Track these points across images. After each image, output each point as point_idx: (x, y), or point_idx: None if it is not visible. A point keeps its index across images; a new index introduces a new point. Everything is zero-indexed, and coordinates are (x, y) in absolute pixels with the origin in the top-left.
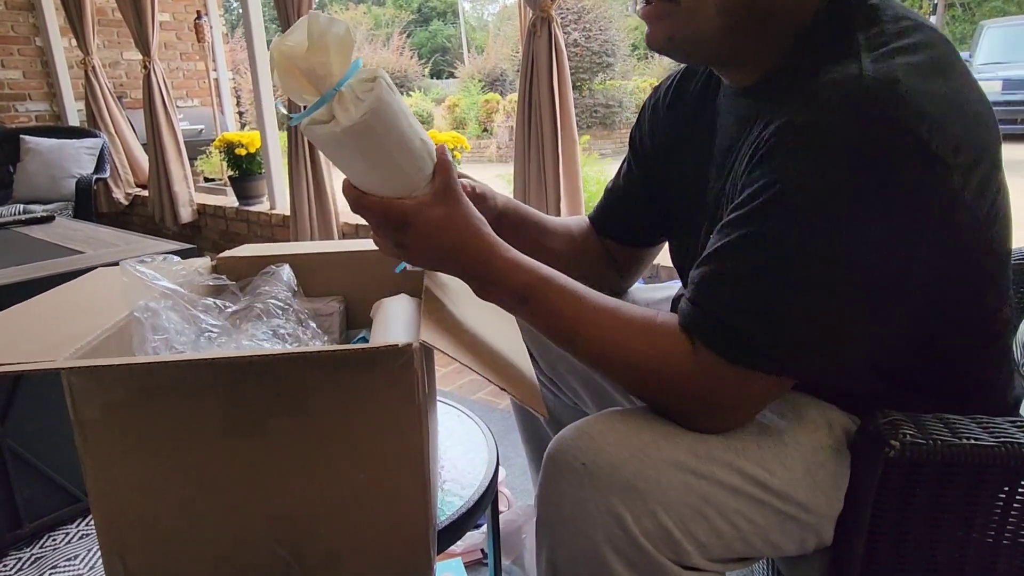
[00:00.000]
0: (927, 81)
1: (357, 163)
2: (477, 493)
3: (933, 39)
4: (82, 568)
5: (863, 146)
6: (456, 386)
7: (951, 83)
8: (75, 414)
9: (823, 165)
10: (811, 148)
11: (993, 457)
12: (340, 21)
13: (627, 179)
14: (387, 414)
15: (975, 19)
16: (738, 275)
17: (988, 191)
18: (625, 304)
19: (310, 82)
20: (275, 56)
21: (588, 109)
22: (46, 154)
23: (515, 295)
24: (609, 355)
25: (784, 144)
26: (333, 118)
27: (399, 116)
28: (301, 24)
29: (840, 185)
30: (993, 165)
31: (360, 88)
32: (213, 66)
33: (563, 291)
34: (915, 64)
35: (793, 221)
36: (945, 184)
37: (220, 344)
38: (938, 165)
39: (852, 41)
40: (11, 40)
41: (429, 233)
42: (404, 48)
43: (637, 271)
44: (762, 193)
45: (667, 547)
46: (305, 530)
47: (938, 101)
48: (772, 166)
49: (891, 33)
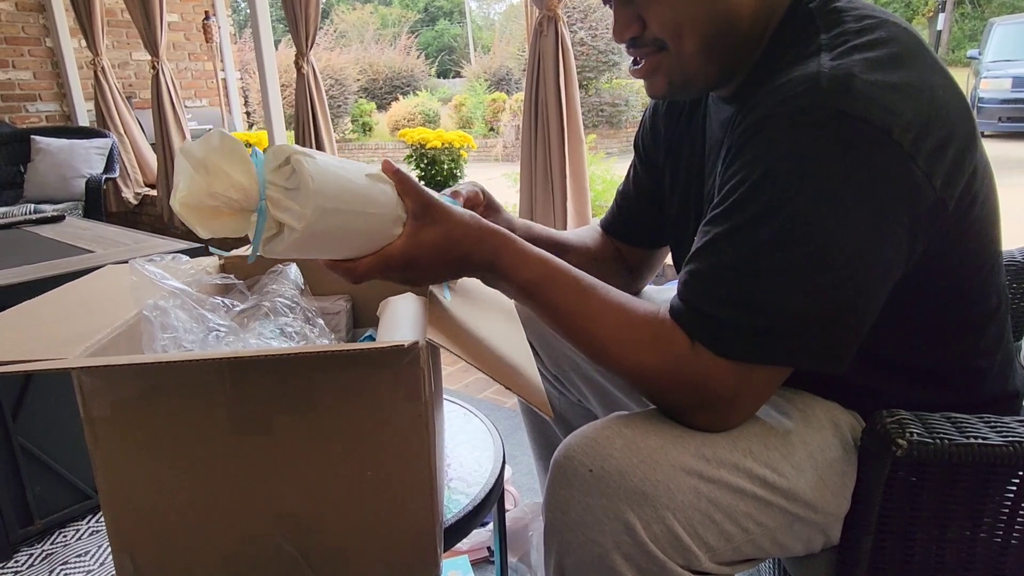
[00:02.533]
0: (885, 73)
1: (332, 243)
2: (483, 491)
3: (894, 34)
4: (92, 565)
5: (822, 136)
6: (463, 384)
7: (912, 73)
8: (85, 412)
9: (785, 157)
10: (773, 142)
11: (1000, 456)
12: (208, 135)
13: (634, 183)
14: (394, 412)
15: (984, 16)
16: (721, 270)
17: (960, 175)
18: (631, 299)
19: (235, 211)
20: (182, 212)
21: (594, 108)
22: (56, 154)
23: (521, 291)
24: (613, 351)
25: (750, 141)
26: (282, 225)
27: (338, 176)
28: (182, 170)
29: (804, 175)
30: (964, 149)
31: (283, 179)
32: (221, 66)
33: (569, 287)
34: (872, 58)
35: (764, 212)
36: (908, 169)
37: (228, 343)
38: (899, 151)
39: (815, 42)
40: (21, 41)
41: (433, 258)
42: (410, 48)
43: (648, 272)
44: (734, 190)
45: (676, 552)
46: (312, 527)
47: (895, 91)
48: (741, 163)
49: (851, 32)
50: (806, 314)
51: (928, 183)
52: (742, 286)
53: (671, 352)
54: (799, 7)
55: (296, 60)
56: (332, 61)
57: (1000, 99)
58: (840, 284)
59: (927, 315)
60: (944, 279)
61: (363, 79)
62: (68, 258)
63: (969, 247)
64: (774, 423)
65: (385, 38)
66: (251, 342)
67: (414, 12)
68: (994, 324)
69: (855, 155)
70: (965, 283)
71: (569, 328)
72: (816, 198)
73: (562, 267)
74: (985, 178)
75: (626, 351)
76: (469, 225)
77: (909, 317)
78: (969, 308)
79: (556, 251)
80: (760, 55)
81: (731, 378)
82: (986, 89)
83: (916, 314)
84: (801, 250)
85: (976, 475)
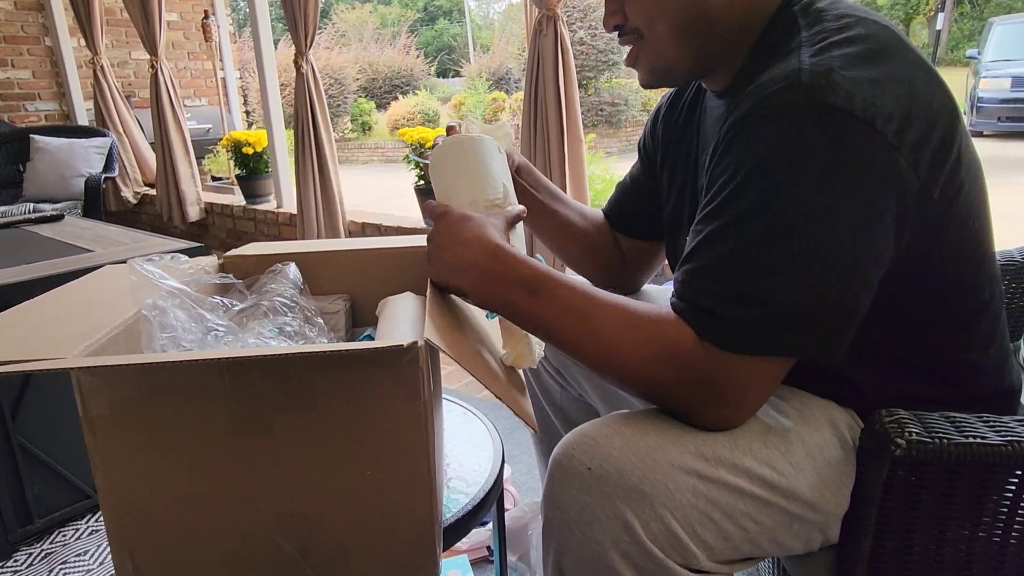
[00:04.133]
0: (864, 68)
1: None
2: (483, 491)
3: (874, 30)
4: (92, 564)
5: (806, 129)
6: (462, 384)
7: (891, 68)
8: (84, 411)
9: (772, 151)
10: (759, 137)
11: (1000, 456)
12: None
13: (634, 179)
14: (393, 411)
15: (984, 16)
16: (717, 266)
17: (943, 165)
18: (633, 300)
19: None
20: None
21: (594, 107)
22: (55, 153)
23: (526, 286)
24: (621, 350)
25: (736, 138)
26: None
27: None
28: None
29: (792, 167)
30: (946, 139)
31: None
32: (220, 65)
33: (573, 286)
34: (850, 54)
35: (755, 206)
36: (893, 159)
37: (227, 342)
38: (883, 141)
39: (796, 40)
40: (21, 40)
41: (451, 223)
42: (410, 47)
43: (645, 269)
44: (723, 187)
45: (675, 551)
46: (312, 527)
47: (874, 84)
48: (729, 160)
49: (831, 30)
50: (804, 304)
51: (913, 173)
52: (739, 280)
53: (678, 349)
54: (785, 9)
55: (295, 59)
56: (331, 60)
57: (999, 99)
58: (834, 273)
59: (917, 307)
60: (930, 269)
61: (362, 78)
62: (67, 257)
63: (953, 237)
64: (772, 422)
65: (384, 37)
66: (250, 341)
67: (414, 11)
68: (987, 318)
69: (841, 146)
70: (952, 274)
71: (575, 330)
72: (806, 189)
73: (564, 273)
74: (971, 168)
75: (634, 349)
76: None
77: (899, 309)
78: (959, 300)
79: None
80: (748, 54)
81: (736, 372)
82: (985, 89)
83: (906, 306)
84: (795, 242)
85: (975, 474)
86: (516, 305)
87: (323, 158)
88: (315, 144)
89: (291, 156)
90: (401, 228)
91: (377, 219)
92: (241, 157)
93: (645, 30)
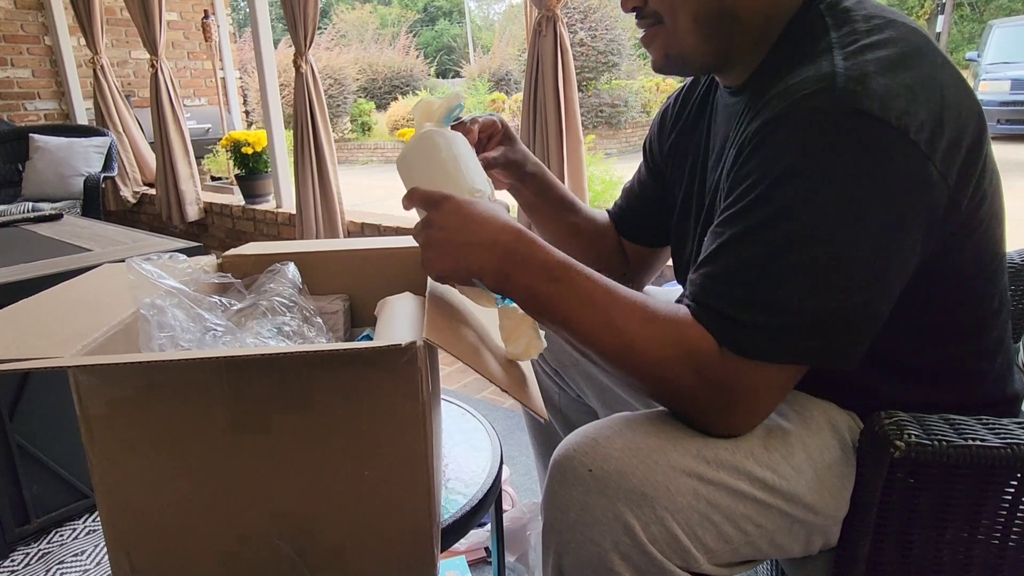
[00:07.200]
0: (897, 74)
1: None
2: (481, 491)
3: (903, 33)
4: (89, 564)
5: (839, 136)
6: (461, 384)
7: (923, 72)
8: (82, 410)
9: (803, 157)
10: (789, 142)
11: (998, 458)
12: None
13: (640, 183)
14: (391, 412)
15: (983, 18)
16: (738, 271)
17: (972, 174)
18: (651, 298)
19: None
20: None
21: (594, 108)
22: (55, 152)
23: (549, 271)
24: (639, 347)
25: (765, 141)
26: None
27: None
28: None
29: (823, 175)
30: (974, 148)
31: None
32: (220, 65)
33: (594, 277)
34: (883, 58)
35: (782, 212)
36: (925, 169)
37: (225, 342)
38: (916, 151)
39: (826, 40)
40: (20, 39)
41: (459, 205)
42: (410, 47)
43: (646, 273)
44: (749, 191)
45: (675, 553)
46: (309, 527)
47: (908, 91)
48: (755, 163)
49: (861, 31)
50: (824, 313)
51: (943, 182)
52: (761, 287)
53: (699, 353)
54: (811, 6)
55: (295, 59)
56: (331, 61)
57: (999, 101)
58: (857, 283)
59: (931, 315)
60: (949, 279)
61: (362, 79)
62: (66, 256)
63: (975, 247)
64: (773, 425)
65: (384, 38)
66: (248, 341)
67: (413, 12)
68: (995, 327)
69: (873, 155)
70: (969, 284)
71: (594, 322)
72: (835, 198)
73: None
74: (992, 178)
75: (653, 348)
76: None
77: (913, 317)
78: (972, 309)
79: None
80: (770, 50)
81: (752, 378)
82: (985, 91)
83: (920, 314)
84: (820, 250)
85: (974, 477)
86: (534, 290)
87: (322, 158)
88: (314, 144)
89: (290, 156)
90: (400, 228)
91: (376, 219)
92: (240, 157)
93: (666, 16)
